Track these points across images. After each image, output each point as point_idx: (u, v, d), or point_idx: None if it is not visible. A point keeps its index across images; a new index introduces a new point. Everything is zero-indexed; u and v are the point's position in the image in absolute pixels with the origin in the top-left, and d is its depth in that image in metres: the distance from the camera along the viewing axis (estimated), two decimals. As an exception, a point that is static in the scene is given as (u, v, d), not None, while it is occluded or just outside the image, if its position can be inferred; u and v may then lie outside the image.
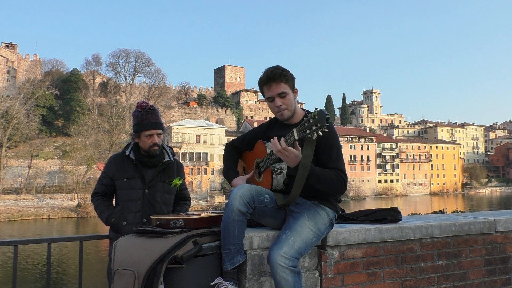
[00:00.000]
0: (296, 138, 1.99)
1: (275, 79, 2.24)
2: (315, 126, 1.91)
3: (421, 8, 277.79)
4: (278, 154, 2.06)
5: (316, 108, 2.07)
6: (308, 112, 2.38)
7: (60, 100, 76.36)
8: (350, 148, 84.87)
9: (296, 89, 2.33)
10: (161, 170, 2.80)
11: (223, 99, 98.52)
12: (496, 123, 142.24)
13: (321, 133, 1.92)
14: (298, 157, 2.04)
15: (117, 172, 2.78)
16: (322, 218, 2.23)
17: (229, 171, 2.50)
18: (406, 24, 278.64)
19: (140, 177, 2.76)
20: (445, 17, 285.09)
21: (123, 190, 2.75)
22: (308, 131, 1.93)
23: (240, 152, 2.59)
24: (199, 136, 71.22)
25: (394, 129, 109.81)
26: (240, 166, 2.62)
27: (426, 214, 5.85)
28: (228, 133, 74.52)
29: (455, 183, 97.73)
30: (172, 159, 2.88)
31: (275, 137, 2.08)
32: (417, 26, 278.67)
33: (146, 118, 2.73)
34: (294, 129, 2.01)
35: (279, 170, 2.24)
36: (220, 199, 60.15)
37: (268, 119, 2.63)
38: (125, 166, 2.77)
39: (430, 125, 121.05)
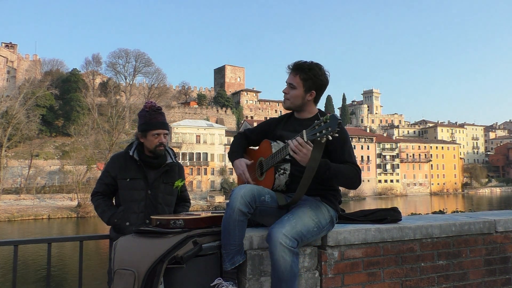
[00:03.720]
0: (305, 140, 2.01)
1: (295, 70, 2.35)
2: (325, 130, 1.91)
3: (421, 8, 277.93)
4: (292, 152, 2.07)
5: (329, 112, 2.07)
6: (322, 113, 2.41)
7: (60, 100, 76.31)
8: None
9: (313, 92, 2.35)
10: (163, 171, 2.81)
11: (223, 99, 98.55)
12: (496, 123, 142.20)
13: (330, 137, 1.92)
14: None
15: (120, 172, 2.77)
16: (323, 212, 2.25)
17: (234, 153, 2.52)
18: (406, 24, 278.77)
19: (143, 178, 2.75)
20: (445, 17, 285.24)
21: (125, 190, 2.74)
22: (318, 134, 1.94)
23: (250, 141, 2.60)
24: (199, 136, 71.22)
25: (394, 129, 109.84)
26: None
27: (426, 214, 5.84)
28: (228, 133, 74.49)
29: (455, 183, 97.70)
30: (174, 161, 2.89)
31: (291, 140, 2.09)
32: (417, 26, 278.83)
33: (154, 118, 2.75)
34: (304, 131, 2.02)
35: (282, 171, 2.25)
36: (220, 199, 60.18)
37: (268, 119, 2.66)
38: (128, 166, 2.77)
39: (430, 125, 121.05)
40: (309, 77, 2.31)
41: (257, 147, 2.50)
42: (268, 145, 2.33)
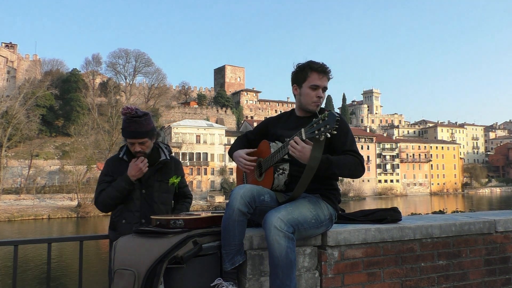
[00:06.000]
0: (304, 138, 2.01)
1: (327, 74, 2.33)
2: (323, 128, 1.91)
3: (421, 8, 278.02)
4: (291, 150, 2.06)
5: (327, 110, 2.07)
6: (322, 109, 2.41)
7: (60, 100, 76.31)
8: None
9: None
10: (157, 169, 2.79)
11: (223, 99, 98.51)
12: (496, 123, 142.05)
13: (329, 135, 1.91)
14: (308, 154, 2.06)
15: (114, 174, 2.77)
16: (322, 208, 2.25)
17: (233, 149, 2.54)
18: (406, 23, 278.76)
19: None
20: (445, 17, 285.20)
21: None
22: (316, 132, 1.94)
23: (251, 142, 2.60)
24: (199, 136, 71.19)
25: (394, 129, 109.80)
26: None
27: (426, 214, 5.85)
28: (228, 133, 74.48)
29: (455, 183, 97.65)
30: (169, 158, 2.86)
31: (292, 141, 2.08)
32: (417, 26, 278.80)
33: (128, 126, 2.67)
34: (302, 129, 2.03)
35: (281, 171, 2.25)
36: (220, 199, 60.14)
37: (267, 118, 2.65)
38: (121, 167, 2.76)
39: (430, 125, 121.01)
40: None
41: (255, 149, 2.50)
42: (267, 146, 2.33)
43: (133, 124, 2.66)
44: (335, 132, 1.92)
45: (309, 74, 2.32)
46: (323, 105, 2.43)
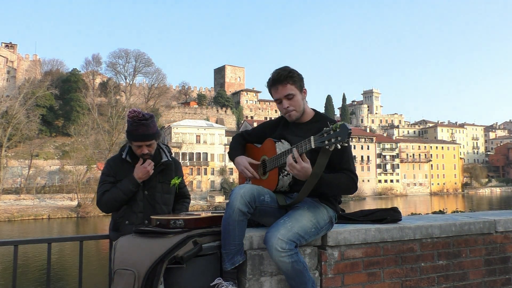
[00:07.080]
0: (313, 146, 1.97)
1: (282, 81, 2.27)
2: (334, 139, 1.88)
3: (421, 8, 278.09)
4: (289, 168, 2.05)
5: (339, 120, 2.05)
6: (319, 113, 2.40)
7: (60, 100, 76.28)
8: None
9: (305, 89, 2.35)
10: (159, 171, 2.79)
11: (223, 99, 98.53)
12: (496, 123, 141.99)
13: (339, 146, 1.89)
14: (308, 171, 2.04)
15: (116, 174, 2.77)
16: (322, 213, 2.25)
17: (234, 151, 2.50)
18: (406, 24, 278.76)
19: None
20: (445, 17, 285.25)
21: None
22: (326, 142, 1.90)
23: (247, 143, 2.59)
24: (199, 136, 71.20)
25: (394, 129, 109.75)
26: None
27: (426, 214, 5.85)
28: (228, 133, 74.45)
29: (455, 183, 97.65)
30: (170, 159, 2.87)
31: (290, 156, 2.06)
32: (417, 25, 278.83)
33: (135, 129, 2.67)
34: (312, 137, 1.98)
35: (286, 172, 2.25)
36: (220, 199, 60.13)
37: (268, 119, 2.65)
38: (124, 168, 2.76)
39: (430, 125, 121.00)
40: (296, 78, 2.29)
41: (259, 145, 2.49)
42: (272, 144, 2.32)
43: (141, 127, 2.67)
44: (346, 144, 1.90)
45: (271, 91, 2.33)
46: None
